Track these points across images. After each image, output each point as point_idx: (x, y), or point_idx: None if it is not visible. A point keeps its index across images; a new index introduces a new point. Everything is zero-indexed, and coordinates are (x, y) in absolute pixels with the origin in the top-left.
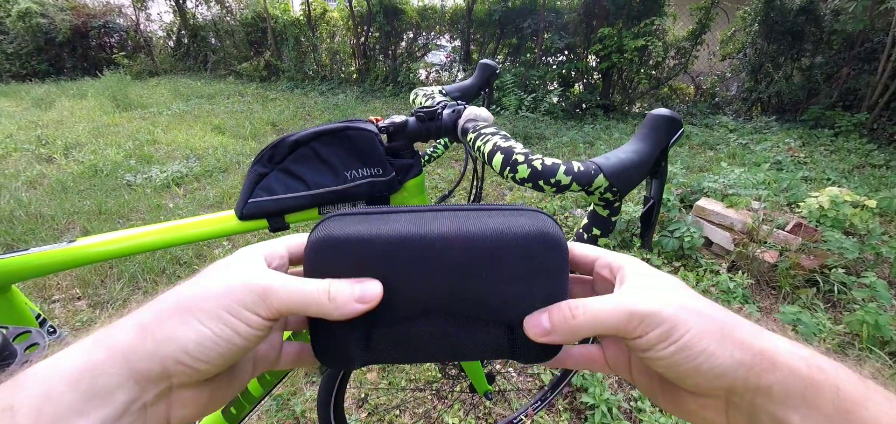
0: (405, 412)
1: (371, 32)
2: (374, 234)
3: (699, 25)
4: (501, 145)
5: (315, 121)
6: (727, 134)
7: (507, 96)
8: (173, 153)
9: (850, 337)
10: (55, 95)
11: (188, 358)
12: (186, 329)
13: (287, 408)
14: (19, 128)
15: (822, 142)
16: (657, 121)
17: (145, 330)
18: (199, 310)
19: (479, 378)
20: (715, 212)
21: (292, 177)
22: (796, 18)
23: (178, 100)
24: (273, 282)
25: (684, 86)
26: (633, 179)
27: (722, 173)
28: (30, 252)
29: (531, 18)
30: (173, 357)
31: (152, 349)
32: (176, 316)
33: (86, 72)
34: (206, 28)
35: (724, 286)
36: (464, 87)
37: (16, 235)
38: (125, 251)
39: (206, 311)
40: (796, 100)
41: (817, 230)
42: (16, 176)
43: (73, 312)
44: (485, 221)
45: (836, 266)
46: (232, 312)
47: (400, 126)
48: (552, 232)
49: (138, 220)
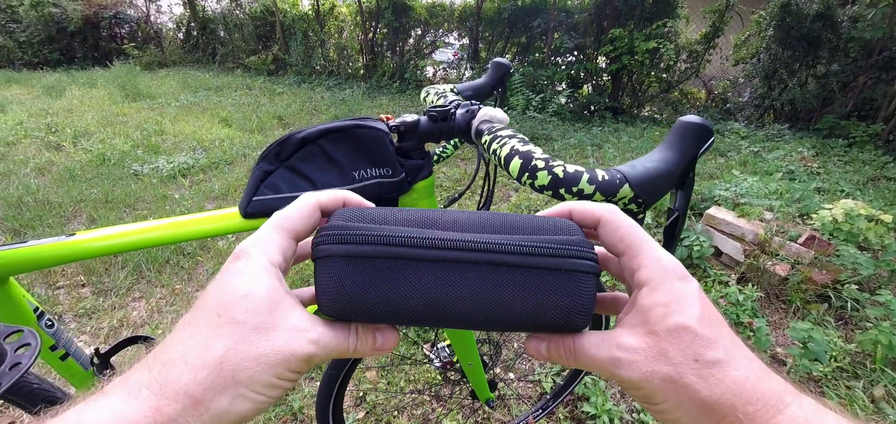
0: (403, 413)
1: (379, 29)
2: (391, 301)
3: (712, 29)
4: (519, 149)
5: (321, 117)
6: (739, 140)
7: (515, 96)
8: (180, 144)
9: (862, 356)
10: (66, 84)
11: (238, 422)
12: (242, 403)
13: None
14: (30, 116)
15: (836, 152)
16: (686, 129)
17: (198, 407)
18: (255, 382)
19: (481, 385)
20: (726, 221)
21: (299, 175)
22: (812, 24)
23: (186, 92)
24: (316, 352)
25: (695, 91)
26: (660, 190)
27: (733, 181)
28: (28, 244)
29: (541, 17)
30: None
31: (196, 415)
32: (230, 390)
33: (96, 62)
34: (216, 21)
35: (733, 298)
36: (476, 86)
37: (24, 221)
38: (126, 246)
39: (263, 383)
40: (810, 108)
41: (830, 243)
42: (25, 162)
43: (77, 299)
44: (513, 301)
45: (849, 281)
46: (282, 378)
47: (411, 125)
48: (587, 305)
49: (144, 210)
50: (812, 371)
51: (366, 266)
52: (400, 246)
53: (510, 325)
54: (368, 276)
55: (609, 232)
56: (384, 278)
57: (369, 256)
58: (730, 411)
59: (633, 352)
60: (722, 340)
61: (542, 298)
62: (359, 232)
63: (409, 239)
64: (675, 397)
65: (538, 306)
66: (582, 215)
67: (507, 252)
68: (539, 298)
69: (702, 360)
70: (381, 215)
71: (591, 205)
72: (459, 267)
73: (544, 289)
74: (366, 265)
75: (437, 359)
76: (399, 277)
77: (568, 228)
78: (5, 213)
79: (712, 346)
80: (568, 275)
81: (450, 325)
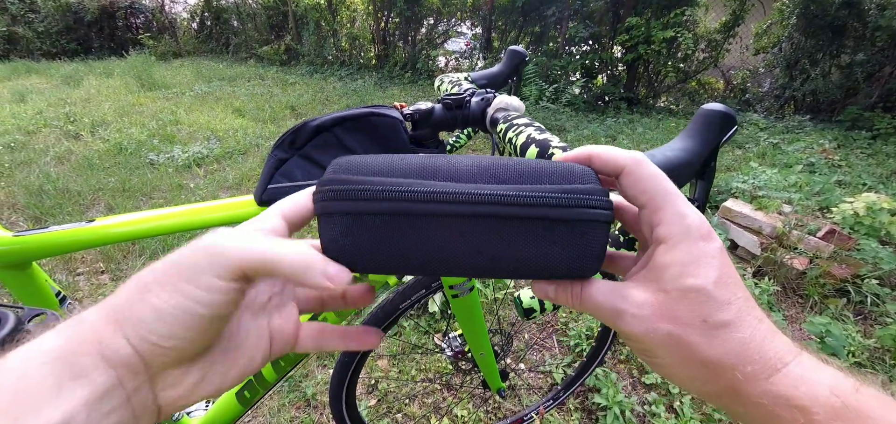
0: (414, 401)
1: (391, 18)
2: (394, 255)
3: (733, 17)
4: (536, 137)
5: (333, 106)
6: (757, 132)
7: (528, 86)
8: (195, 134)
9: (881, 352)
10: (83, 74)
11: (152, 335)
12: (143, 305)
13: (298, 390)
14: (49, 105)
15: (859, 144)
16: (709, 117)
17: (112, 312)
18: (155, 284)
19: (493, 375)
20: (743, 214)
21: (313, 163)
22: (838, 12)
23: (201, 82)
24: (226, 241)
25: (713, 81)
26: (680, 180)
27: (751, 173)
28: (50, 230)
29: (556, 6)
30: (137, 335)
31: (115, 329)
32: (135, 294)
33: (112, 52)
34: (229, 11)
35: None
36: (491, 75)
37: (44, 209)
38: (144, 232)
39: (161, 284)
40: (833, 99)
41: (851, 238)
42: (45, 151)
43: (97, 285)
44: (520, 252)
45: (869, 276)
46: (187, 280)
47: (426, 113)
48: (598, 254)
49: (160, 199)
50: None
51: (368, 224)
52: (402, 202)
53: (517, 273)
54: (372, 235)
55: (632, 183)
56: (386, 236)
57: (372, 213)
58: (729, 369)
59: (640, 307)
60: (735, 301)
61: (549, 249)
62: (361, 187)
63: (411, 193)
64: (676, 354)
65: (546, 256)
66: (603, 162)
67: (513, 203)
68: (547, 249)
69: (710, 321)
70: (380, 165)
71: (614, 152)
72: (464, 221)
73: (552, 241)
74: (368, 223)
75: (449, 349)
76: (402, 233)
77: (583, 175)
78: (27, 201)
79: (723, 308)
80: (576, 225)
81: (452, 274)
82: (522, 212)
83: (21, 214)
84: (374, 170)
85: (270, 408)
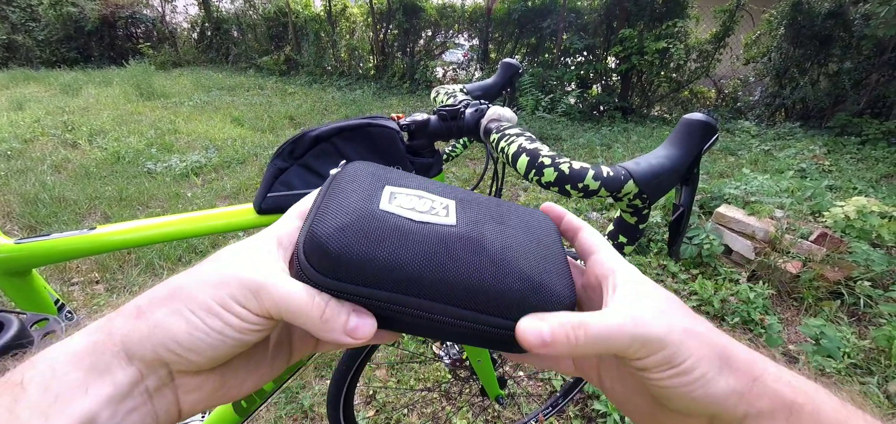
0: (413, 411)
1: (390, 29)
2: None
3: (723, 28)
4: (527, 147)
5: (332, 117)
6: (749, 139)
7: (525, 96)
8: (193, 143)
9: (876, 352)
10: (82, 82)
11: (179, 349)
12: (176, 318)
13: (295, 402)
14: (47, 113)
15: (849, 150)
16: (691, 126)
17: (140, 316)
18: (191, 300)
19: (491, 383)
20: (736, 219)
21: (312, 173)
22: (824, 22)
23: (200, 91)
24: (267, 280)
25: (705, 90)
26: (664, 186)
27: (744, 180)
28: (50, 237)
29: (551, 18)
30: (164, 345)
31: (145, 334)
32: (167, 304)
33: (112, 61)
34: (230, 21)
35: (744, 296)
36: (485, 86)
37: (40, 218)
38: (143, 240)
39: (198, 302)
40: (822, 106)
41: (843, 241)
42: (42, 159)
43: (91, 296)
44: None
45: (862, 278)
46: (223, 305)
47: (422, 124)
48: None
49: (158, 208)
50: (825, 368)
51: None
52: (385, 313)
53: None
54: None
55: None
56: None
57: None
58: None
59: (654, 309)
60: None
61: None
62: (346, 293)
63: (394, 309)
64: (697, 347)
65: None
66: (592, 260)
67: (470, 333)
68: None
69: (695, 318)
70: (366, 260)
71: (604, 255)
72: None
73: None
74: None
75: (447, 357)
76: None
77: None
78: (22, 210)
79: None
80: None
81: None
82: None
83: (16, 223)
84: (363, 266)
85: (267, 421)
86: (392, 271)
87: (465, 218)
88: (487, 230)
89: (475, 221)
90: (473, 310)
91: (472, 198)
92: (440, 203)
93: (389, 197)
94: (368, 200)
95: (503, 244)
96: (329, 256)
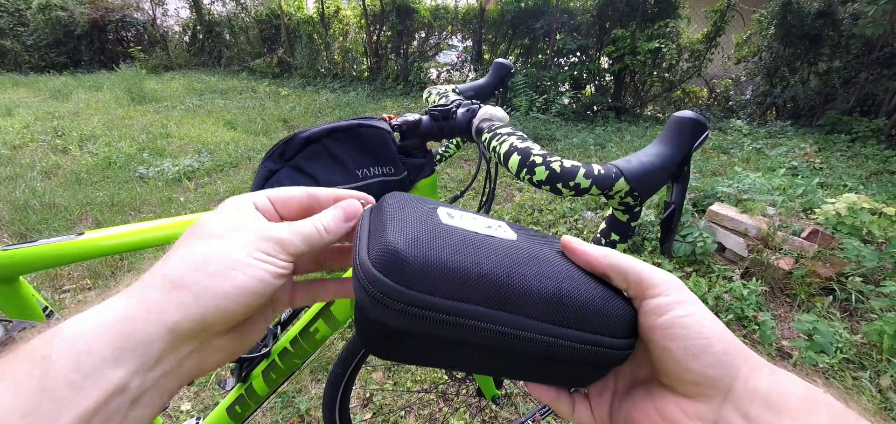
0: (410, 413)
1: (383, 31)
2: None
3: (714, 28)
4: (518, 146)
5: (326, 119)
6: (741, 138)
7: (519, 97)
8: (185, 147)
9: (868, 347)
10: (72, 87)
11: (229, 303)
12: (221, 280)
13: (292, 406)
14: (36, 119)
15: (839, 147)
16: (681, 124)
17: (178, 287)
18: (231, 261)
19: (488, 382)
20: (729, 217)
21: (303, 174)
22: (814, 22)
23: (192, 95)
24: (283, 234)
25: (697, 90)
26: (655, 184)
27: (736, 178)
28: (38, 243)
29: (544, 19)
30: (215, 306)
31: (190, 301)
32: (203, 269)
33: (102, 66)
34: (221, 24)
35: (737, 293)
36: (478, 87)
37: (30, 224)
38: (133, 245)
39: (239, 261)
40: (812, 105)
41: (834, 237)
42: (32, 166)
43: (83, 303)
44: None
45: (853, 274)
46: (261, 259)
47: (413, 124)
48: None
49: (150, 213)
50: (818, 363)
51: (415, 339)
52: (465, 341)
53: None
54: (415, 343)
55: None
56: (429, 348)
57: (427, 336)
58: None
59: (676, 302)
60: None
61: (570, 374)
62: (429, 318)
63: (478, 332)
64: (699, 308)
65: (566, 380)
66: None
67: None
68: (569, 375)
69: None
70: (454, 269)
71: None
72: (506, 355)
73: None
74: (416, 338)
75: None
76: (444, 350)
77: (620, 319)
78: (12, 217)
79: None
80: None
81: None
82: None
83: (5, 230)
84: (447, 275)
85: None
86: (480, 279)
87: (521, 235)
88: (545, 247)
89: (531, 239)
90: (556, 325)
91: (512, 224)
92: (494, 223)
93: (447, 215)
94: (429, 217)
95: (560, 260)
96: (409, 266)
